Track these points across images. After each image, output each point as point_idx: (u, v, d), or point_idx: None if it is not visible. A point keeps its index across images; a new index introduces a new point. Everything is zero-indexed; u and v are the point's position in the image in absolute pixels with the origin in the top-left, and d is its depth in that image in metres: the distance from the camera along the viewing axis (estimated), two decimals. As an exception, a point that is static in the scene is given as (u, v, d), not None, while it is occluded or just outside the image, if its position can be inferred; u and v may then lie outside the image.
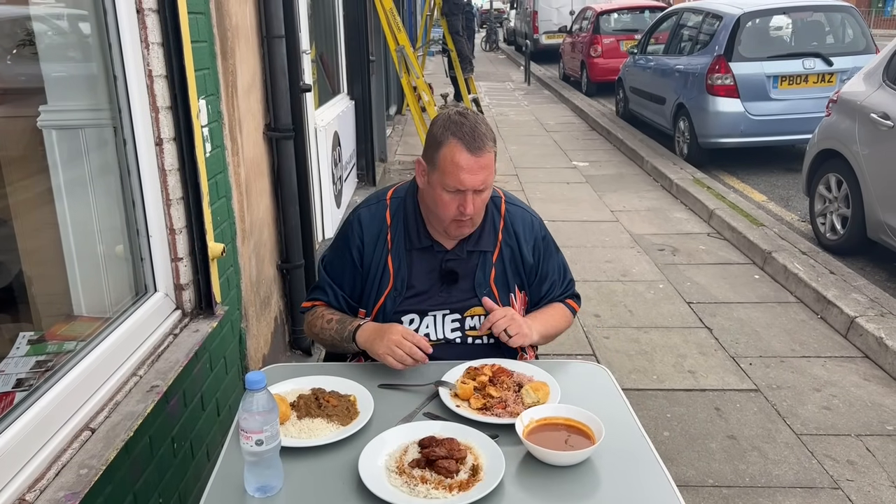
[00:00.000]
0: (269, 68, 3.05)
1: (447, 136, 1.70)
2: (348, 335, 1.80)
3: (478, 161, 1.69)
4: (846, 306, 3.86)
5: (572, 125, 10.58)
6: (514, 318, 1.77)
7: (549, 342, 1.96)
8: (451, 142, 1.69)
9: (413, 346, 1.68)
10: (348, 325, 1.82)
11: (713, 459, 2.82)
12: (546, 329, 1.88)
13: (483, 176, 1.71)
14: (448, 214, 1.74)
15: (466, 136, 1.69)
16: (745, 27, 7.03)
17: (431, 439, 1.44)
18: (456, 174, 1.69)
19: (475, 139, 1.69)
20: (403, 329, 1.71)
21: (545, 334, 1.88)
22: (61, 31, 2.07)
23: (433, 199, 1.77)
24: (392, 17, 6.96)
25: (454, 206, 1.72)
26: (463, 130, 1.69)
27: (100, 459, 1.52)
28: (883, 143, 4.41)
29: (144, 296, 2.11)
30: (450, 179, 1.70)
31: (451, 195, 1.72)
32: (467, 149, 1.68)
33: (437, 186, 1.74)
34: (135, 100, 1.97)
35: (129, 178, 2.04)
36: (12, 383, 1.75)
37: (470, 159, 1.68)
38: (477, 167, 1.69)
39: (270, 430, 1.31)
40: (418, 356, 1.68)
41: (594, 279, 4.66)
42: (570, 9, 17.87)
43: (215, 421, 2.36)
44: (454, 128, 1.70)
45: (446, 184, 1.71)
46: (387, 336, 1.70)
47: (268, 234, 3.17)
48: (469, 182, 1.69)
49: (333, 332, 1.85)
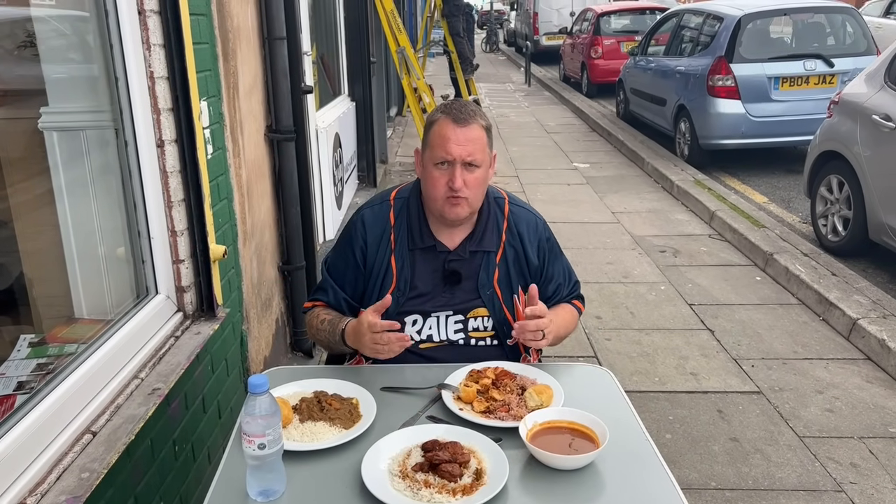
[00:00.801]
0: (270, 70, 3.04)
1: (436, 115, 1.81)
2: (339, 335, 1.81)
3: (464, 132, 1.74)
4: (848, 308, 3.85)
5: (573, 126, 10.58)
6: (548, 324, 1.73)
7: (556, 344, 1.96)
8: (439, 118, 1.79)
9: (388, 336, 1.66)
10: (337, 325, 1.82)
11: (716, 462, 2.81)
12: (558, 332, 1.87)
13: (471, 148, 1.75)
14: (440, 192, 1.77)
15: (453, 111, 1.78)
16: (746, 28, 7.02)
17: (435, 443, 1.43)
18: (443, 145, 1.75)
19: (461, 113, 1.77)
20: (369, 323, 1.67)
21: (557, 336, 1.87)
22: (62, 33, 2.06)
23: (426, 180, 1.81)
24: (393, 18, 6.97)
25: (444, 181, 1.75)
26: (451, 108, 1.80)
27: (101, 463, 1.51)
28: (884, 144, 4.41)
29: (146, 298, 2.10)
30: (438, 151, 1.76)
31: (440, 171, 1.76)
32: (453, 121, 1.75)
33: (428, 165, 1.79)
34: (136, 101, 1.97)
35: (130, 179, 2.04)
36: (13, 386, 1.75)
37: (456, 129, 1.75)
38: (464, 138, 1.74)
39: (273, 434, 1.30)
40: (394, 339, 1.66)
41: (595, 280, 4.66)
42: (570, 10, 17.89)
43: (216, 423, 2.36)
44: (443, 108, 1.82)
45: (435, 156, 1.76)
46: (362, 339, 1.71)
47: (269, 235, 3.16)
48: (456, 152, 1.73)
49: (327, 333, 1.86)
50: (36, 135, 1.98)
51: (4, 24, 2.05)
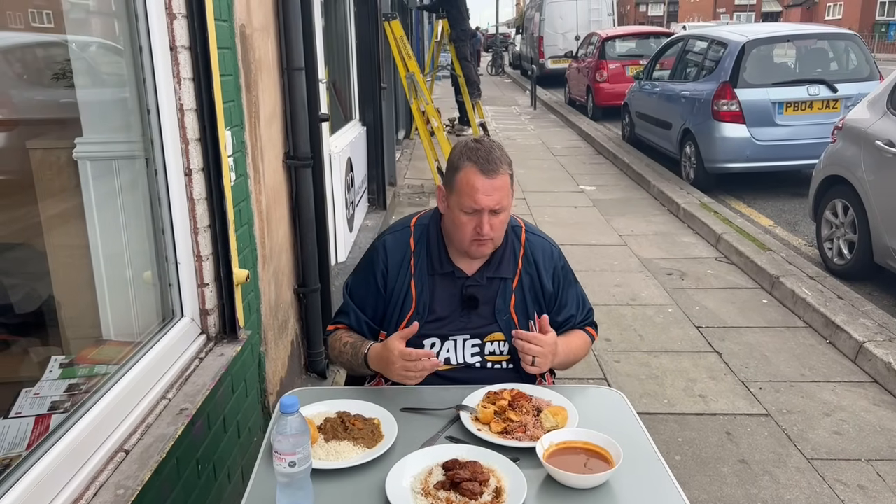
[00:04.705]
0: (289, 99, 3.14)
1: (463, 161, 1.82)
2: (362, 359, 1.87)
3: (492, 182, 1.79)
4: (854, 331, 3.89)
5: (579, 149, 10.69)
6: (545, 354, 1.79)
7: (566, 369, 2.02)
8: (466, 166, 1.81)
9: (419, 363, 1.72)
10: (360, 348, 1.89)
11: (725, 484, 2.85)
12: (567, 357, 1.93)
13: (498, 197, 1.80)
14: (467, 236, 1.83)
15: (481, 159, 1.80)
16: (750, 54, 7.14)
17: (455, 462, 1.49)
18: (472, 195, 1.79)
19: (489, 162, 1.80)
20: (401, 352, 1.73)
21: (565, 361, 1.93)
22: (97, 67, 2.16)
23: (452, 221, 1.86)
24: (403, 44, 7.11)
25: (471, 226, 1.81)
26: (478, 155, 1.81)
27: (135, 480, 1.57)
28: (888, 169, 4.48)
29: (172, 320, 2.18)
30: (466, 200, 1.80)
31: (468, 216, 1.81)
32: (481, 171, 1.79)
33: (455, 209, 1.84)
34: (166, 132, 2.05)
35: (159, 206, 2.12)
36: (47, 406, 1.82)
37: (484, 181, 1.78)
38: (491, 188, 1.79)
39: (303, 453, 1.36)
40: (429, 367, 1.73)
41: (604, 303, 4.71)
42: (575, 34, 18.14)
43: (236, 443, 2.41)
44: (469, 153, 1.82)
45: (463, 205, 1.81)
46: (391, 368, 1.76)
47: (286, 259, 3.24)
48: (484, 202, 1.78)
49: (349, 356, 1.92)
50: (70, 163, 2.07)
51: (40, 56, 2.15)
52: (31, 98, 2.34)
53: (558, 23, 19.28)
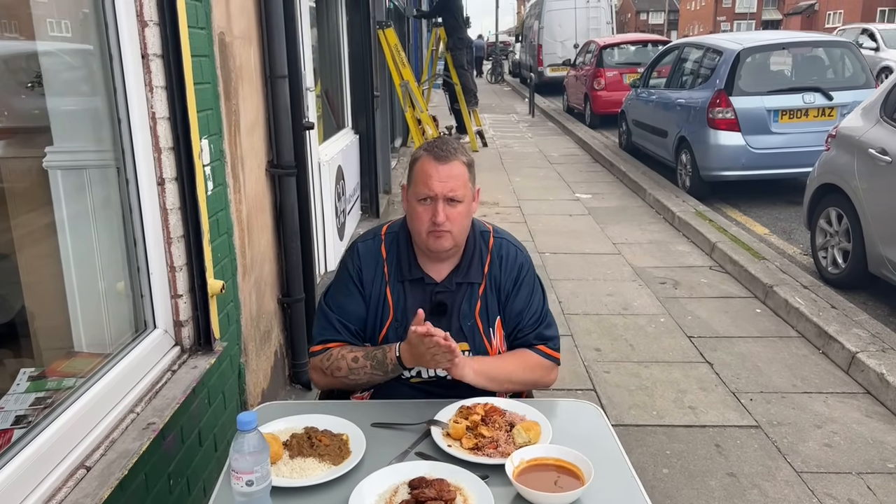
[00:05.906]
0: (272, 107, 3.12)
1: (419, 153, 1.88)
2: (394, 366, 1.80)
3: (446, 169, 1.80)
4: (847, 341, 3.85)
5: (576, 157, 10.67)
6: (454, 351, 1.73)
7: (506, 388, 1.89)
8: (421, 156, 1.85)
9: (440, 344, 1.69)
10: (387, 353, 1.81)
11: (713, 497, 2.80)
12: (491, 371, 1.84)
13: (452, 185, 1.80)
14: (423, 226, 1.82)
15: (435, 148, 1.84)
16: (745, 62, 7.12)
17: (422, 480, 1.45)
18: (425, 182, 1.80)
19: (442, 150, 1.83)
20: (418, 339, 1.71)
21: (491, 377, 1.84)
22: (68, 76, 2.13)
23: (410, 215, 1.87)
24: (397, 52, 7.10)
25: (427, 217, 1.81)
26: (432, 145, 1.86)
27: (94, 498, 1.53)
28: (882, 178, 4.44)
29: (144, 332, 2.14)
30: (420, 188, 1.81)
31: (423, 206, 1.81)
32: (434, 158, 1.82)
33: (412, 200, 1.85)
34: (138, 141, 2.02)
35: (130, 216, 2.09)
36: (11, 420, 1.77)
37: (437, 167, 1.80)
38: (446, 175, 1.80)
39: (261, 471, 1.33)
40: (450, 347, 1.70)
41: (595, 312, 4.67)
42: (573, 42, 18.17)
43: (213, 457, 2.37)
44: (426, 146, 1.89)
45: (418, 193, 1.82)
46: (421, 358, 1.75)
47: (269, 268, 3.20)
48: (437, 188, 1.79)
49: (369, 369, 1.83)
50: (40, 172, 2.04)
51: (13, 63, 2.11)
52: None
53: (557, 31, 19.31)
